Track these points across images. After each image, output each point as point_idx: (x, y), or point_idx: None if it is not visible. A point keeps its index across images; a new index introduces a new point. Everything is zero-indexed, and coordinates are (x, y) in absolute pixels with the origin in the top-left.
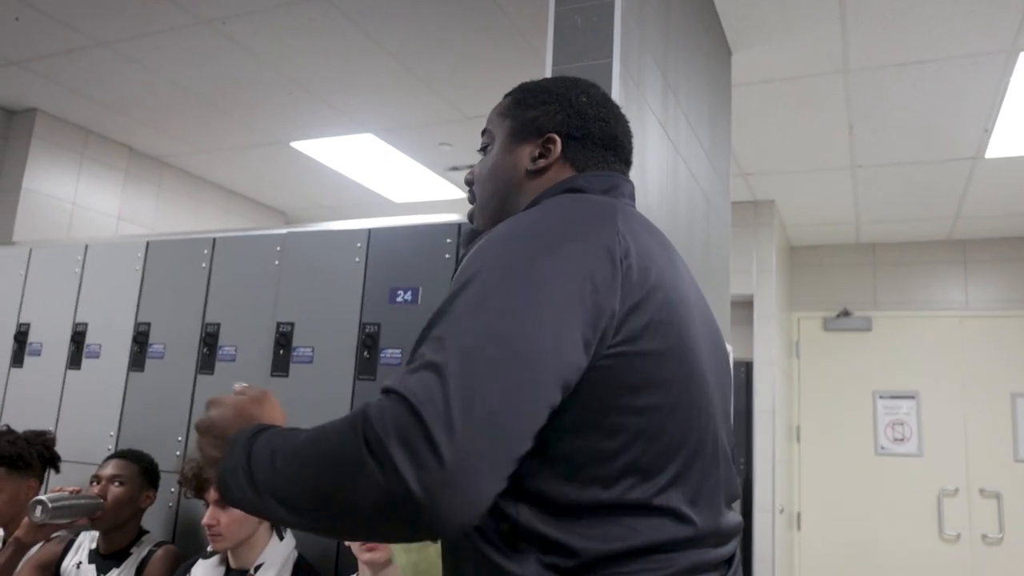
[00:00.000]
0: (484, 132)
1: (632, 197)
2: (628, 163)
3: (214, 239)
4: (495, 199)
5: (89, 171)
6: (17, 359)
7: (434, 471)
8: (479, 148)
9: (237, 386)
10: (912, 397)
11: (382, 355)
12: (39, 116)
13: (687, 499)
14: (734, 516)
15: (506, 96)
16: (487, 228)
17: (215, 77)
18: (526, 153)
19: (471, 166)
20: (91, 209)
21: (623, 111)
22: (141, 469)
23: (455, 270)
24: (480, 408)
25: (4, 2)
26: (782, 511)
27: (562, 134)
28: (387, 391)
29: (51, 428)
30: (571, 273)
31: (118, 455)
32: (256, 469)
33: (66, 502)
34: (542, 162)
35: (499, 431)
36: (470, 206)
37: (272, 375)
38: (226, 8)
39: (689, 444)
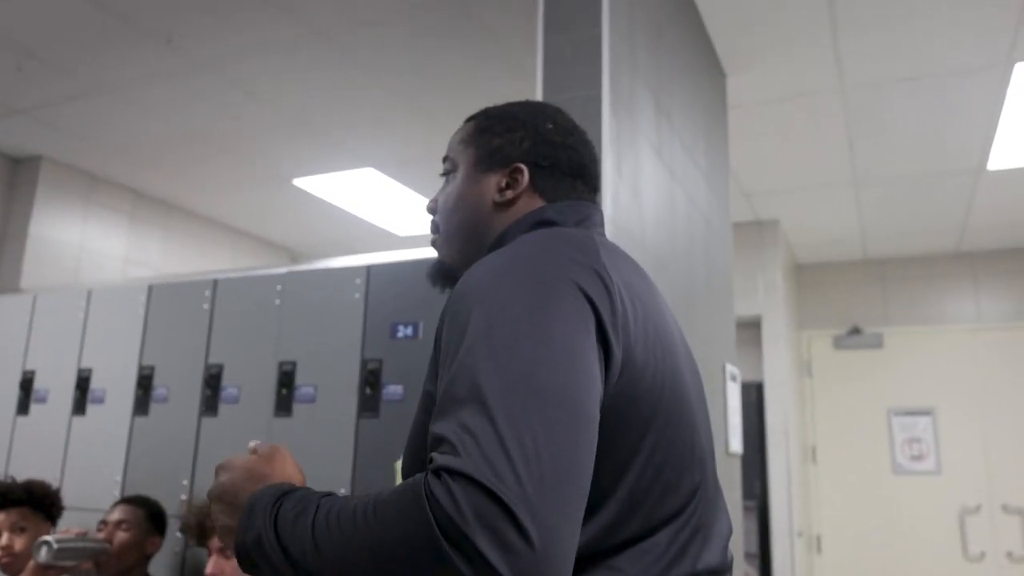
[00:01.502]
0: (446, 158)
1: (603, 225)
2: (596, 190)
3: (215, 280)
4: (462, 231)
5: (95, 215)
6: (23, 407)
7: (526, 555)
8: (441, 174)
9: (252, 444)
10: (928, 413)
11: (384, 391)
12: (44, 163)
13: (682, 539)
14: (727, 552)
15: (468, 121)
16: (454, 260)
17: (215, 118)
18: (492, 184)
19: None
20: (98, 253)
21: (614, 138)
22: (147, 514)
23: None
24: (550, 474)
25: (6, 53)
26: (800, 534)
27: (529, 163)
28: (448, 471)
29: (57, 475)
30: (579, 321)
31: (125, 500)
32: (290, 543)
33: (72, 544)
34: (509, 193)
35: (570, 494)
36: (432, 235)
37: (275, 415)
38: (224, 52)
39: (686, 482)
